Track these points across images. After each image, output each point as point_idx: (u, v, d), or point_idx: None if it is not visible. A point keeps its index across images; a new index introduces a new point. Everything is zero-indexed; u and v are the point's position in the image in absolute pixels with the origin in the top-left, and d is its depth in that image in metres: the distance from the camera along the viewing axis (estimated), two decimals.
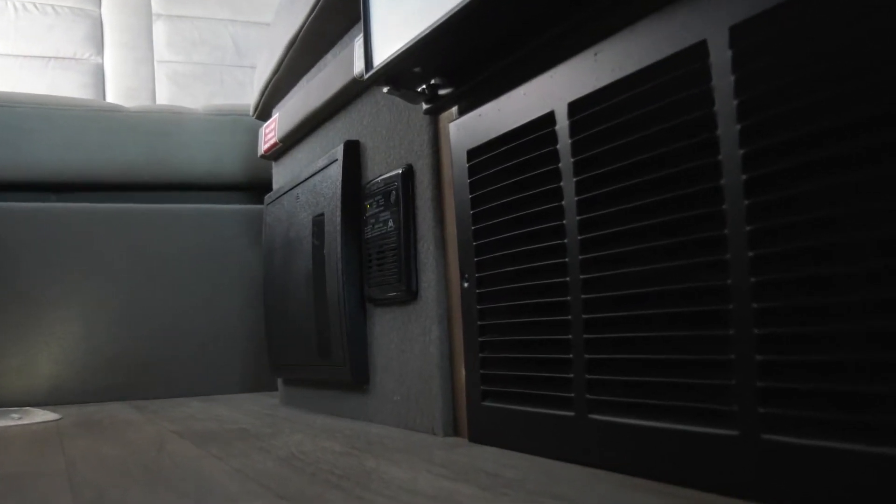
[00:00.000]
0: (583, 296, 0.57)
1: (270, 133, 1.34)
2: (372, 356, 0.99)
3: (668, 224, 0.50)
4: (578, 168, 0.58)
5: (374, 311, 0.99)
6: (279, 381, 1.37)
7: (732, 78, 0.45)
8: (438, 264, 0.83)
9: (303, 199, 1.16)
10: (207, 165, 1.64)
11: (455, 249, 0.79)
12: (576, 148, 0.58)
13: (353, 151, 1.03)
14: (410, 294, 0.87)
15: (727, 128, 0.45)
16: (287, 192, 1.24)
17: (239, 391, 1.59)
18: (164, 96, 2.23)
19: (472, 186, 0.73)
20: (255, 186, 1.67)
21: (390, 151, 0.94)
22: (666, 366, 0.50)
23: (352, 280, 1.00)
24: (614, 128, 0.54)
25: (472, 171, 0.73)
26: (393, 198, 0.90)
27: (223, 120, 1.67)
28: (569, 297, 0.59)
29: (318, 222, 1.10)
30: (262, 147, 1.39)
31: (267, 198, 1.36)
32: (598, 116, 0.56)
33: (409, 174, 0.88)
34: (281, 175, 1.37)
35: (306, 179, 1.16)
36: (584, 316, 0.57)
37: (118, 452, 0.78)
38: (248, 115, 1.59)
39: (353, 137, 1.05)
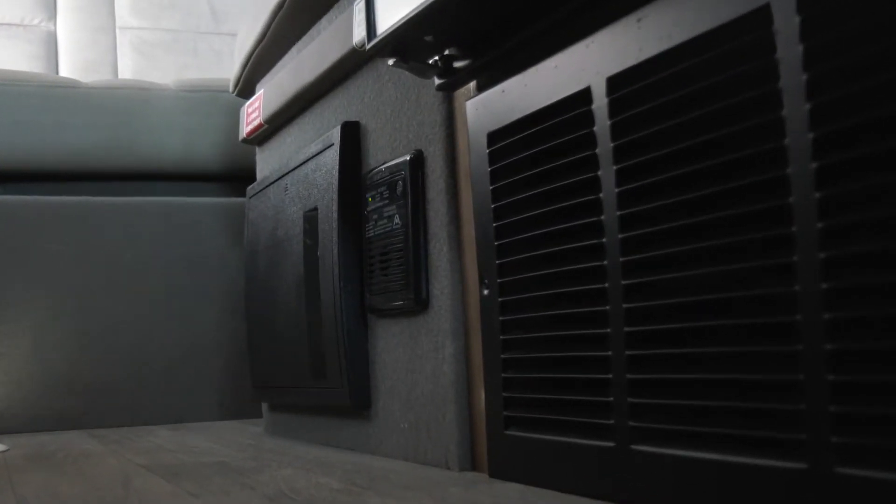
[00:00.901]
0: (624, 305, 0.58)
1: (254, 113, 1.36)
2: (374, 377, 1.00)
3: (725, 221, 0.51)
4: (619, 154, 0.59)
5: (376, 324, 1.00)
6: (264, 407, 1.39)
7: (800, 48, 0.45)
8: (453, 268, 0.84)
9: (292, 190, 1.18)
10: (179, 151, 1.66)
11: (472, 250, 0.80)
12: (616, 131, 0.59)
13: (351, 134, 1.04)
14: (420, 303, 0.88)
15: (794, 107, 0.46)
16: (273, 182, 1.25)
17: (216, 418, 1.60)
18: (128, 69, 2.25)
19: (494, 176, 0.74)
20: (235, 176, 1.69)
21: (396, 134, 0.95)
22: (723, 387, 0.51)
23: (350, 287, 1.02)
24: (661, 107, 0.55)
25: (493, 157, 0.74)
26: (399, 189, 0.91)
27: (198, 97, 1.69)
28: (608, 307, 0.60)
29: (311, 218, 1.11)
30: (244, 129, 1.40)
31: (249, 189, 1.38)
32: (642, 93, 0.57)
33: (418, 162, 0.89)
34: (266, 162, 1.38)
35: (296, 168, 1.17)
36: (626, 329, 0.58)
37: (77, 490, 0.79)
38: (226, 91, 1.61)
39: (353, 118, 1.06)
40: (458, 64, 0.79)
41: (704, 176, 0.52)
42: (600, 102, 0.61)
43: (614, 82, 0.59)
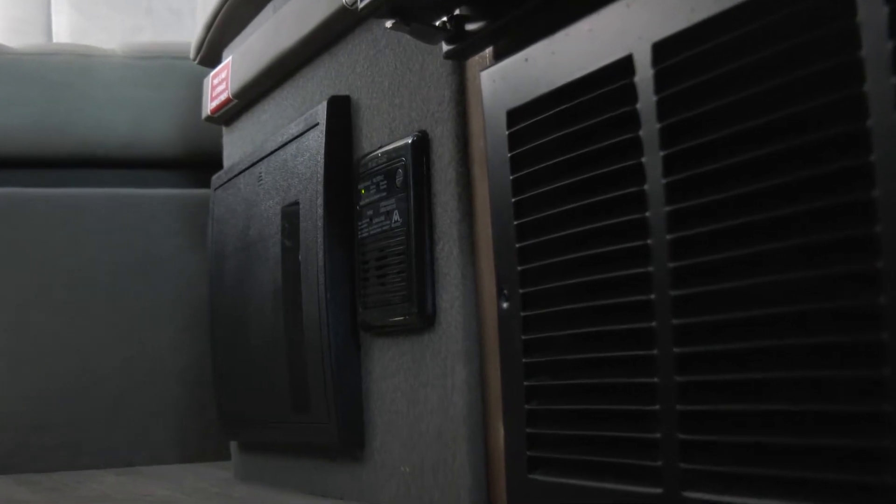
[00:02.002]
0: (674, 321, 0.59)
1: (220, 85, 1.37)
2: (369, 409, 1.01)
3: (800, 219, 0.51)
4: (667, 137, 0.60)
5: (372, 344, 1.01)
6: (233, 446, 1.40)
7: (886, 10, 0.46)
8: (465, 276, 0.85)
9: (268, 180, 1.19)
10: (127, 132, 1.67)
11: (489, 254, 0.81)
12: (664, 108, 0.60)
13: (341, 112, 1.05)
14: (424, 319, 0.89)
15: (877, 81, 0.47)
16: (244, 170, 1.27)
17: (175, 460, 1.61)
18: (65, 31, 2.26)
19: (514, 163, 0.75)
20: (197, 162, 1.69)
21: (395, 112, 0.96)
22: (793, 421, 0.52)
23: (339, 299, 1.02)
24: (719, 79, 0.56)
25: (513, 140, 0.75)
26: (399, 179, 0.92)
27: (151, 65, 1.70)
28: (654, 323, 0.61)
29: (291, 215, 1.12)
30: (209, 105, 1.42)
31: (215, 179, 1.39)
32: (695, 63, 0.57)
33: (422, 145, 0.90)
34: (236, 146, 1.39)
35: (273, 152, 1.18)
36: (675, 349, 0.59)
37: None
38: (186, 58, 1.62)
39: (342, 92, 1.07)
40: (471, 26, 0.80)
41: (774, 163, 0.53)
42: (644, 74, 0.61)
43: (661, 49, 0.60)
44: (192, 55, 1.52)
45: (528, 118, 0.73)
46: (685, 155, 0.59)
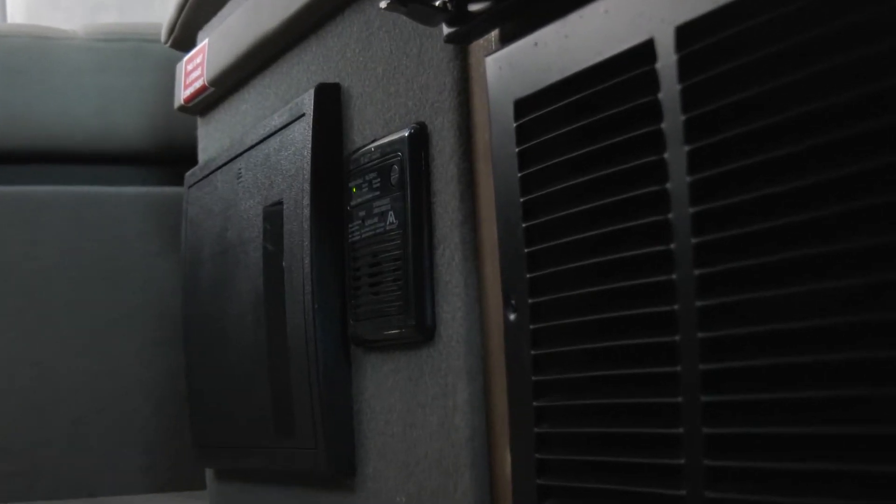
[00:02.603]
0: (700, 334, 0.59)
1: (195, 71, 1.37)
2: (361, 432, 1.01)
3: (843, 220, 0.51)
4: (693, 130, 0.60)
5: (364, 361, 1.01)
6: (209, 474, 1.40)
7: None
8: (468, 284, 0.85)
9: (248, 177, 1.19)
10: (91, 123, 1.67)
11: (494, 260, 0.81)
12: (689, 98, 0.60)
13: (329, 102, 1.05)
14: (423, 332, 0.90)
15: None
16: (222, 166, 1.27)
17: (143, 490, 1.61)
18: (20, 11, 2.27)
19: (523, 159, 0.75)
20: (168, 157, 1.70)
21: (390, 102, 0.96)
22: (834, 444, 0.52)
23: (328, 309, 1.03)
24: (751, 66, 0.56)
25: (521, 134, 0.75)
26: (394, 177, 0.93)
27: (117, 49, 1.70)
28: (677, 337, 0.61)
29: (274, 216, 1.12)
30: (182, 94, 1.42)
31: (189, 176, 1.39)
32: (724, 48, 0.58)
33: (420, 139, 0.91)
34: (212, 139, 1.40)
35: (254, 146, 1.18)
36: (701, 366, 0.59)
37: None
38: (157, 41, 1.63)
39: (331, 79, 1.08)
40: (474, 7, 0.80)
41: (813, 160, 0.53)
42: (667, 60, 0.62)
43: (686, 32, 0.60)
44: (163, 38, 1.53)
45: (537, 109, 0.74)
46: (712, 150, 0.59)
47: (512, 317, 0.77)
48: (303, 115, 1.07)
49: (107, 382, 1.61)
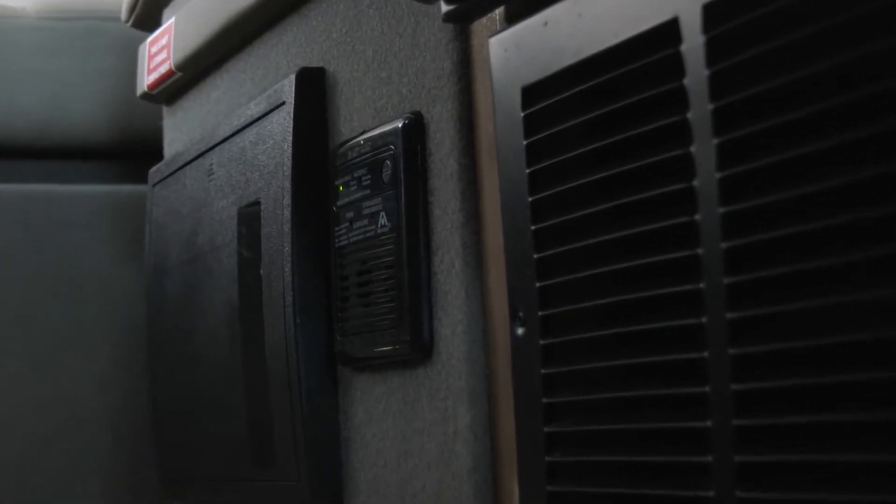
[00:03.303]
0: (731, 350, 0.60)
1: (160, 54, 1.37)
2: (349, 462, 1.01)
3: (892, 223, 0.51)
4: (723, 120, 0.60)
5: (353, 382, 1.01)
6: None
7: None
8: (470, 294, 0.85)
9: (221, 174, 1.19)
10: (42, 112, 1.67)
11: (499, 267, 0.81)
12: (718, 84, 0.60)
13: (313, 88, 1.06)
14: (419, 349, 0.90)
15: None
16: (191, 161, 1.27)
17: None
18: None
19: (532, 153, 0.76)
20: (130, 151, 1.69)
21: (382, 89, 0.96)
22: (879, 475, 0.52)
23: (311, 324, 1.03)
24: (786, 49, 0.56)
25: (530, 125, 0.76)
26: (387, 173, 0.93)
27: (71, 29, 1.70)
28: (706, 353, 0.61)
29: (250, 218, 1.12)
30: (146, 80, 1.42)
31: (154, 173, 1.39)
32: (757, 28, 0.58)
33: (415, 130, 0.91)
34: (180, 131, 1.40)
35: (227, 139, 1.18)
36: (732, 386, 0.60)
37: None
38: (117, 19, 1.62)
39: (315, 63, 1.08)
40: None
41: (856, 153, 0.53)
42: (693, 41, 0.62)
43: (715, 11, 0.60)
44: (123, 16, 1.53)
45: (548, 96, 0.74)
46: (745, 143, 0.59)
47: (519, 331, 0.77)
48: (282, 103, 1.07)
49: (59, 409, 1.61)
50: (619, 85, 0.68)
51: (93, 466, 1.61)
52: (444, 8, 0.84)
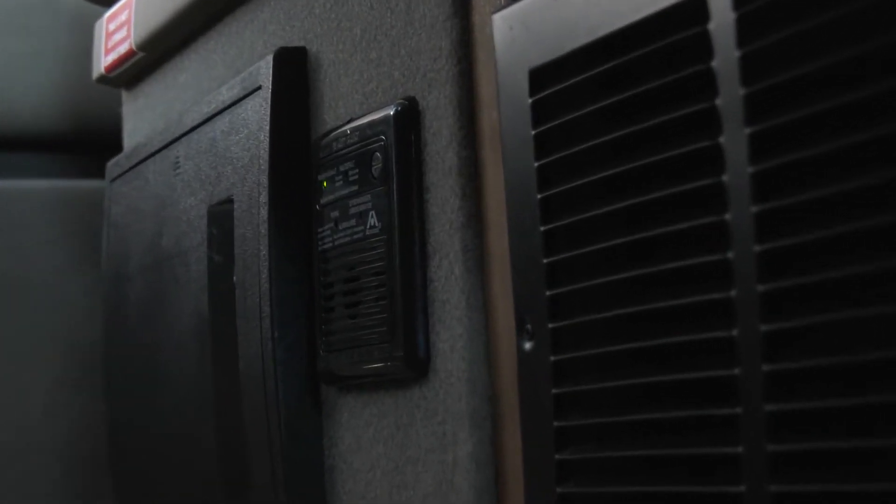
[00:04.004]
0: (765, 367, 0.60)
1: (119, 32, 1.37)
2: (335, 495, 1.01)
3: None
4: (756, 107, 0.60)
5: (338, 404, 1.01)
6: None
7: None
8: (471, 304, 0.86)
9: (188, 169, 1.19)
10: None
11: (505, 273, 0.82)
12: (750, 67, 0.61)
13: (293, 71, 1.06)
14: (414, 366, 0.90)
15: None
16: (155, 154, 1.27)
17: None
18: None
19: (541, 144, 0.76)
20: (84, 142, 1.69)
21: (371, 72, 0.96)
22: None
23: (291, 338, 1.03)
24: (830, 26, 0.56)
25: (539, 112, 0.76)
26: (377, 167, 0.93)
27: (17, 4, 1.70)
28: (737, 370, 0.62)
29: (222, 217, 1.12)
30: (103, 61, 1.42)
31: (112, 166, 1.39)
32: (794, 3, 0.58)
33: (409, 118, 0.91)
34: (142, 119, 1.40)
35: (195, 128, 1.18)
36: (766, 407, 0.60)
37: None
38: None
39: (295, 42, 1.08)
40: None
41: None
42: (723, 19, 0.62)
43: None
44: None
45: (559, 80, 0.74)
46: (781, 132, 0.59)
47: (527, 346, 0.77)
48: (258, 88, 1.07)
49: (3, 436, 1.61)
50: (640, 67, 0.68)
51: (41, 499, 1.61)
52: None
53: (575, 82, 0.73)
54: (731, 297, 0.62)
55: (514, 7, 0.78)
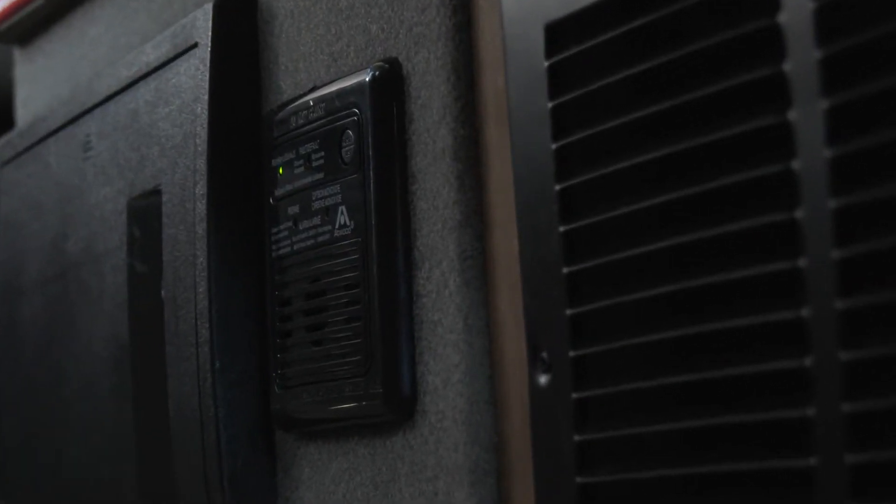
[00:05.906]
0: (844, 406, 0.60)
1: None
2: None
3: None
4: (835, 73, 0.61)
5: (298, 454, 1.02)
6: None
7: None
8: (470, 326, 0.87)
9: (103, 150, 1.18)
10: None
11: (513, 286, 0.83)
12: (828, 22, 0.61)
13: (238, 24, 1.07)
14: (396, 406, 0.91)
15: None
16: (58, 130, 1.26)
17: None
18: None
19: (560, 119, 0.77)
20: None
21: (341, 25, 0.97)
22: None
23: (237, 370, 1.03)
24: None
25: (557, 78, 0.77)
26: (349, 149, 0.94)
27: None
28: (810, 411, 0.62)
29: (146, 212, 1.12)
30: None
31: (1, 147, 1.38)
32: None
33: (390, 86, 0.92)
34: (41, 85, 1.40)
35: (111, 98, 1.18)
36: (848, 458, 0.60)
37: None
38: None
39: None
40: None
41: None
42: None
43: None
44: None
45: (583, 39, 0.75)
46: (867, 107, 0.60)
47: (542, 379, 0.78)
48: (194, 45, 1.08)
49: None
50: (685, 23, 0.69)
51: None
52: None
53: (604, 40, 0.74)
54: (803, 318, 0.63)
55: None
